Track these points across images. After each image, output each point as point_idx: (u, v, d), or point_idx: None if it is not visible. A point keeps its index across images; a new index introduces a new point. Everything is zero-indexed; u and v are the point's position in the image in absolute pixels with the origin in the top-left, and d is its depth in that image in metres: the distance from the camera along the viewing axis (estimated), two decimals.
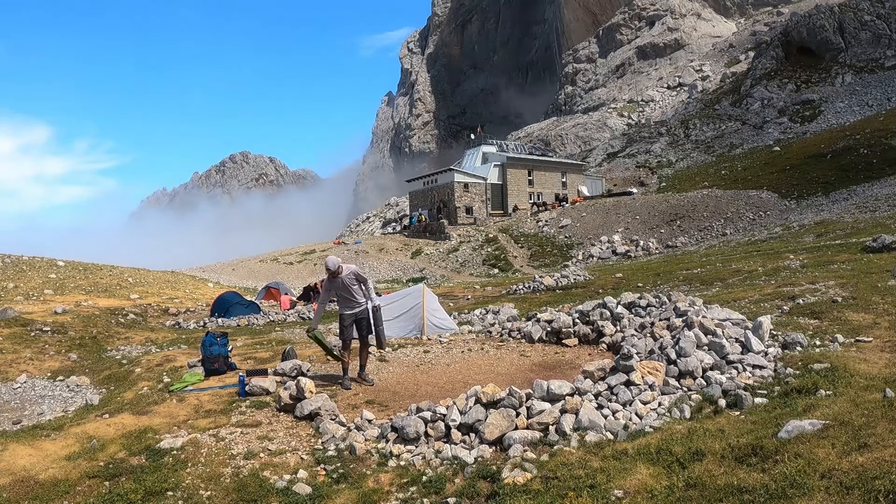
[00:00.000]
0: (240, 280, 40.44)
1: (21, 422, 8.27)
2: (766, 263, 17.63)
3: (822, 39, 74.34)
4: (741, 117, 74.02)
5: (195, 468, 5.37)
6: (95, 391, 9.98)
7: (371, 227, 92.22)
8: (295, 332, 14.68)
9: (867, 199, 35.72)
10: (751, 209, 42.30)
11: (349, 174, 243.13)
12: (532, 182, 63.17)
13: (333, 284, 7.98)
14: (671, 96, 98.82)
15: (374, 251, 49.41)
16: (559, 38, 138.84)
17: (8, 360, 11.70)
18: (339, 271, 7.82)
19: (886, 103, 61.15)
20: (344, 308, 8.09)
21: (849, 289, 9.96)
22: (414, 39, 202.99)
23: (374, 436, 6.03)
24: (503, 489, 4.44)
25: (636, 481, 4.12)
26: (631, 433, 5.26)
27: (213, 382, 8.38)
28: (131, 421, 6.68)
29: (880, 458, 3.59)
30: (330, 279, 7.96)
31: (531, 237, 49.35)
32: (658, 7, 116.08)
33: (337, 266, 7.79)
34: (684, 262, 25.01)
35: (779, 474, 3.73)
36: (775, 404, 5.20)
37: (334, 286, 7.99)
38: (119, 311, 18.81)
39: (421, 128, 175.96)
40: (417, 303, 11.83)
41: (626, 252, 41.01)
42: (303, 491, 4.90)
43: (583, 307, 10.44)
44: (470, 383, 7.52)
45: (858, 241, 20.02)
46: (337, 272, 7.81)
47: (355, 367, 8.37)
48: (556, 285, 21.34)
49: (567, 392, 5.93)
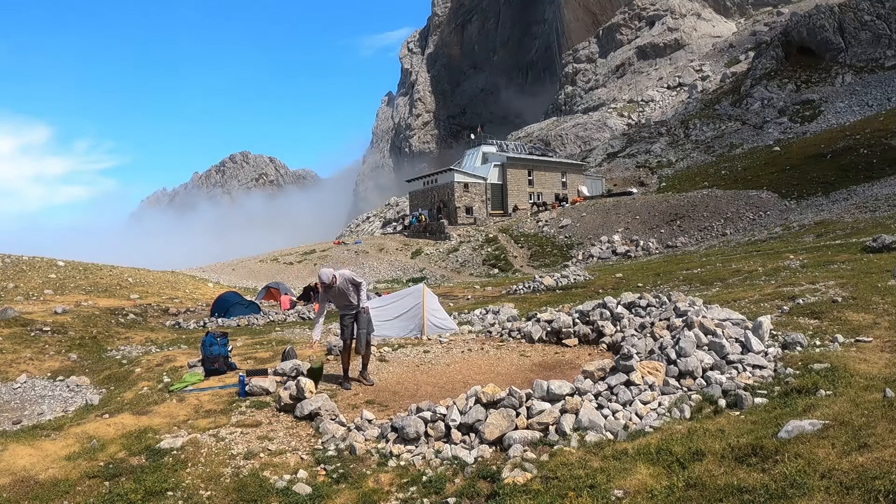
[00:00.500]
0: (240, 280, 40.45)
1: (21, 422, 8.27)
2: (766, 263, 17.63)
3: (822, 39, 74.36)
4: (741, 117, 74.03)
5: (195, 468, 5.37)
6: (95, 391, 9.98)
7: (371, 227, 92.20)
8: (295, 332, 14.68)
9: (867, 199, 35.72)
10: (751, 209, 42.30)
11: (349, 174, 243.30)
12: (532, 182, 63.17)
13: (330, 293, 8.07)
14: (671, 96, 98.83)
15: (374, 251, 49.40)
16: (559, 38, 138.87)
17: (8, 360, 11.70)
18: (333, 282, 7.88)
19: (886, 103, 61.16)
20: (343, 310, 8.15)
21: (849, 289, 9.95)
22: (414, 39, 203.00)
23: (374, 436, 6.03)
24: (503, 489, 4.44)
25: (636, 481, 4.12)
26: (631, 433, 5.26)
27: (213, 382, 8.38)
28: (131, 421, 6.68)
29: (880, 458, 3.59)
30: (325, 290, 8.03)
31: (531, 237, 49.35)
32: (658, 7, 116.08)
33: (330, 278, 7.83)
34: (684, 262, 25.02)
35: (779, 474, 3.73)
36: (775, 404, 5.20)
37: (331, 294, 8.08)
38: (119, 311, 18.81)
39: (421, 128, 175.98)
40: (417, 303, 11.82)
41: (626, 252, 41.01)
42: (303, 491, 4.90)
43: (583, 307, 10.43)
44: (470, 383, 7.52)
45: (858, 241, 20.02)
46: (331, 284, 7.87)
47: (356, 367, 8.38)
48: (556, 285, 21.35)
49: (567, 392, 5.93)
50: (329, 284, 7.85)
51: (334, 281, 7.87)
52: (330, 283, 7.84)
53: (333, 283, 7.88)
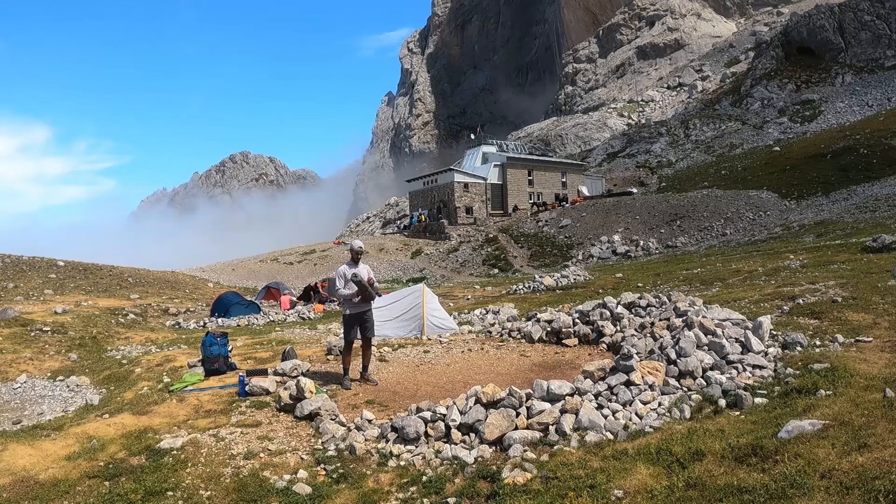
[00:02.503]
0: (240, 280, 40.45)
1: (21, 422, 8.26)
2: (766, 263, 17.63)
3: (822, 39, 74.39)
4: (741, 117, 74.06)
5: (195, 468, 5.37)
6: (95, 391, 9.98)
7: (371, 227, 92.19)
8: (295, 332, 14.67)
9: (867, 199, 35.73)
10: (751, 209, 42.30)
11: (349, 174, 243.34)
12: (532, 182, 63.17)
13: (352, 269, 8.02)
14: (671, 96, 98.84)
15: (374, 251, 49.38)
16: (559, 38, 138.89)
17: (8, 360, 11.69)
18: (360, 251, 8.14)
19: (886, 103, 61.18)
20: (347, 307, 8.08)
21: (849, 289, 9.95)
22: (414, 39, 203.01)
23: (374, 436, 6.03)
24: (503, 489, 4.44)
25: (636, 481, 4.12)
26: (631, 433, 5.26)
27: (213, 382, 8.37)
28: (131, 421, 6.68)
29: (880, 458, 3.59)
30: (352, 260, 8.10)
31: (531, 237, 49.35)
32: (658, 7, 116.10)
33: (360, 248, 8.16)
34: (684, 262, 25.02)
35: (779, 474, 3.73)
36: (775, 404, 5.20)
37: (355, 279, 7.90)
38: (119, 311, 18.81)
39: (421, 128, 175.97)
40: (417, 303, 11.82)
41: (626, 252, 41.01)
42: (303, 491, 4.89)
43: (583, 307, 10.43)
44: (470, 383, 7.52)
45: (858, 241, 20.02)
46: (359, 252, 8.11)
47: (356, 367, 8.37)
48: (556, 285, 21.34)
49: (567, 392, 5.93)
50: (359, 252, 8.09)
51: (361, 251, 8.15)
52: (359, 251, 8.10)
53: (360, 255, 8.11)
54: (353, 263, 8.08)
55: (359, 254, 8.14)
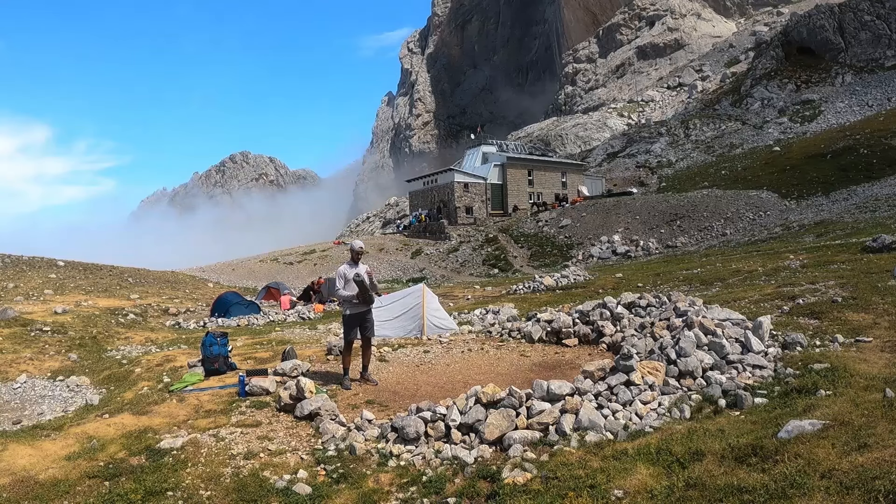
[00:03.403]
0: (240, 280, 40.44)
1: (21, 422, 8.26)
2: (766, 263, 17.62)
3: (822, 39, 74.36)
4: (741, 117, 74.05)
5: (195, 468, 5.37)
6: (95, 391, 9.97)
7: (371, 227, 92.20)
8: (295, 332, 14.67)
9: (867, 199, 35.73)
10: (751, 209, 42.29)
11: (349, 174, 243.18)
12: (532, 182, 63.15)
13: (353, 269, 8.02)
14: (671, 96, 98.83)
15: (374, 251, 49.37)
16: (559, 38, 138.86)
17: (8, 360, 11.69)
18: (362, 251, 8.18)
19: (886, 103, 61.16)
20: (347, 308, 8.09)
21: (849, 289, 9.95)
22: (414, 39, 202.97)
23: (374, 436, 6.03)
24: (503, 489, 4.44)
25: (636, 481, 4.12)
26: (631, 433, 5.26)
27: (213, 382, 8.38)
28: (131, 421, 6.68)
29: (880, 458, 3.58)
30: (351, 260, 8.12)
31: (531, 237, 49.34)
32: (658, 7, 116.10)
33: (360, 248, 8.19)
34: (684, 262, 25.02)
35: (779, 474, 3.73)
36: (775, 404, 5.20)
37: (355, 278, 7.89)
38: (119, 311, 18.80)
39: (421, 128, 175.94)
40: (417, 303, 11.83)
41: (626, 252, 41.01)
42: (303, 491, 4.90)
43: (583, 307, 10.43)
44: (470, 383, 7.52)
45: (858, 241, 20.01)
46: (360, 252, 8.14)
47: (356, 367, 8.37)
48: (556, 285, 21.33)
49: (567, 392, 5.93)
50: (359, 252, 8.10)
51: (362, 252, 8.18)
52: (359, 251, 8.11)
53: (361, 255, 8.13)
54: (354, 264, 8.09)
55: (359, 254, 8.15)
